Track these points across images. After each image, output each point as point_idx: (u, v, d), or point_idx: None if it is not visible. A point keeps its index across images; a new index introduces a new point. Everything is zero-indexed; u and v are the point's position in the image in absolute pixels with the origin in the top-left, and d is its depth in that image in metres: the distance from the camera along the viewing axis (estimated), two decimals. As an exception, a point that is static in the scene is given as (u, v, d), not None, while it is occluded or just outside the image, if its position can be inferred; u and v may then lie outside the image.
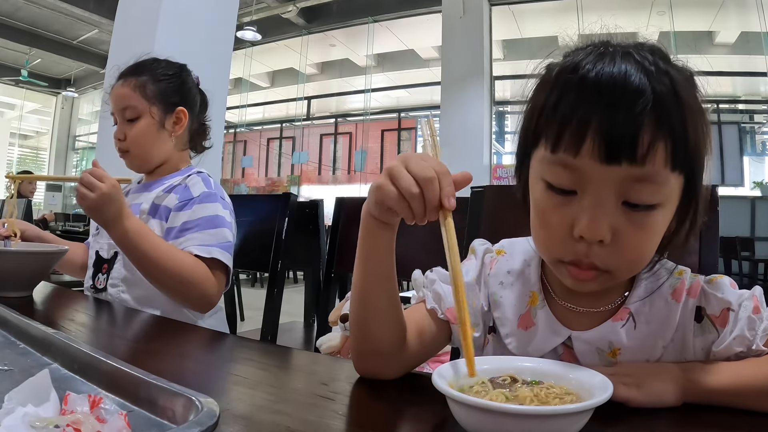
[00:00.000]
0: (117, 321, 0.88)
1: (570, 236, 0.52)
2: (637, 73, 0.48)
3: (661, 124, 0.48)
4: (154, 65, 1.25)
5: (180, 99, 1.24)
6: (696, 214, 0.54)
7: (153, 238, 1.02)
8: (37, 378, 0.40)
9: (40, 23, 8.34)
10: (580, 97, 0.49)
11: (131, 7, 2.85)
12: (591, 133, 0.48)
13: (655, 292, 0.58)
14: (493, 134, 7.18)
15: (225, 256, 1.08)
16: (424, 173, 0.49)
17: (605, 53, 0.50)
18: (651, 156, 0.48)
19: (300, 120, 10.22)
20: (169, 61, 1.30)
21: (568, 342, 0.59)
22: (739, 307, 0.54)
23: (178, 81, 1.26)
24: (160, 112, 1.20)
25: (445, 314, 0.63)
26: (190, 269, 1.03)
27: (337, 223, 1.32)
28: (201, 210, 1.11)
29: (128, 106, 1.18)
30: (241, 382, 0.56)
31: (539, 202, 0.55)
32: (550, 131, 0.51)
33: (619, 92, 0.48)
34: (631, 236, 0.51)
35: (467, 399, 0.39)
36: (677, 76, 0.50)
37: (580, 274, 0.53)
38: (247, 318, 3.82)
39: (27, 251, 0.98)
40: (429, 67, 8.85)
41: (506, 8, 6.91)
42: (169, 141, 1.22)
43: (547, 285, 0.63)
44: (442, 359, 1.56)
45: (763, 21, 6.12)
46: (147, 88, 1.20)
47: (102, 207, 0.97)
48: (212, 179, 1.21)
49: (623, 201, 0.50)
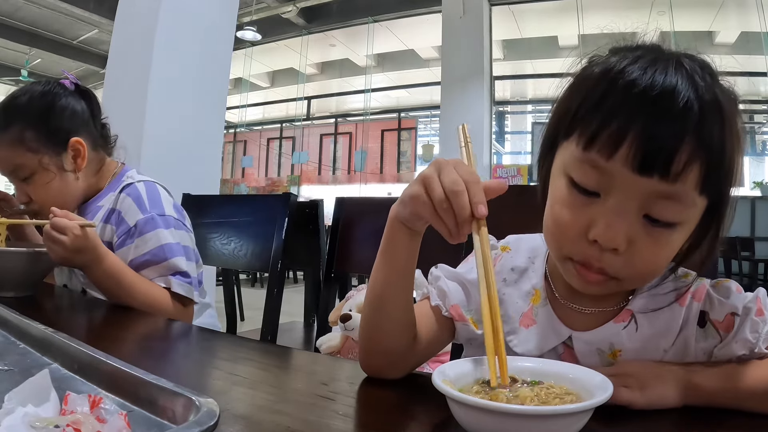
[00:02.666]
0: (117, 321, 0.88)
1: (584, 237, 0.51)
2: (688, 88, 0.47)
3: (701, 144, 0.46)
4: (20, 105, 1.05)
5: (67, 128, 1.06)
6: (715, 240, 0.53)
7: (129, 275, 0.98)
8: (37, 378, 0.39)
9: (40, 23, 8.33)
10: (625, 100, 0.47)
11: (131, 7, 2.85)
12: (630, 139, 0.47)
13: (658, 296, 0.57)
14: (493, 134, 7.18)
15: (183, 287, 1.02)
16: (453, 186, 0.48)
17: (658, 59, 0.49)
18: (684, 175, 0.47)
19: (300, 120, 10.23)
20: (35, 88, 1.07)
21: (568, 342, 0.59)
22: (744, 311, 0.53)
23: (56, 109, 1.06)
24: (53, 158, 1.04)
25: (449, 311, 0.63)
26: (164, 302, 0.99)
27: (337, 223, 1.32)
28: (143, 244, 1.02)
29: (15, 167, 1.03)
30: (241, 382, 0.56)
31: (559, 197, 0.54)
32: (586, 128, 0.50)
33: (667, 104, 0.46)
34: (645, 249, 0.50)
35: (467, 399, 0.39)
36: (722, 97, 0.49)
37: (588, 275, 0.53)
38: (247, 318, 3.82)
39: (27, 251, 0.98)
40: (429, 67, 8.85)
41: (506, 8, 6.91)
42: (75, 181, 1.08)
43: (550, 283, 0.63)
44: (442, 359, 1.56)
45: (763, 21, 6.12)
46: (25, 139, 1.02)
47: (72, 258, 0.92)
48: (145, 188, 1.07)
49: (645, 214, 0.49)
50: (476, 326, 0.63)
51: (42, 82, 1.10)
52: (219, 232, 1.47)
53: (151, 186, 1.10)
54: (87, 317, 0.92)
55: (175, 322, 0.91)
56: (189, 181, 2.15)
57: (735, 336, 0.52)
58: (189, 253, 1.07)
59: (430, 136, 10.04)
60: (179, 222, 1.09)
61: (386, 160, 10.08)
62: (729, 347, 0.52)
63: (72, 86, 1.12)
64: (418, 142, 9.96)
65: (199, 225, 1.45)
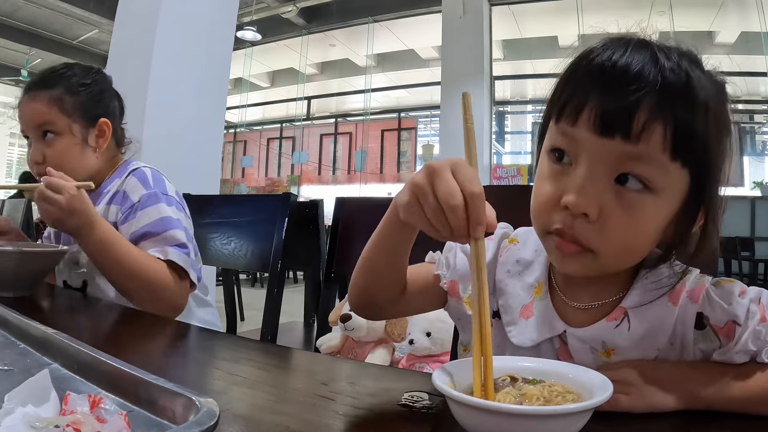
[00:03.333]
0: (117, 321, 0.88)
1: (557, 205, 0.52)
2: (647, 61, 0.49)
3: (661, 108, 0.48)
4: (69, 74, 1.11)
5: (102, 110, 1.13)
6: (708, 224, 0.53)
7: (125, 245, 0.97)
8: (37, 378, 0.39)
9: (40, 23, 8.33)
10: (585, 75, 0.51)
11: (131, 7, 2.85)
12: (590, 105, 0.50)
13: (652, 293, 0.56)
14: (493, 134, 7.19)
15: (181, 258, 1.01)
16: (448, 199, 0.43)
17: (628, 43, 0.51)
18: (646, 135, 0.48)
19: (300, 120, 10.23)
20: (83, 66, 1.16)
21: (563, 337, 0.59)
22: (747, 320, 0.51)
23: (98, 90, 1.14)
24: (82, 128, 1.09)
25: (447, 284, 0.66)
26: (159, 273, 0.97)
27: (337, 223, 1.32)
28: (144, 216, 1.03)
29: (45, 122, 1.06)
30: (241, 382, 0.56)
31: (540, 173, 0.56)
32: (557, 102, 0.53)
33: (620, 72, 0.49)
34: (618, 217, 0.50)
35: (467, 399, 0.39)
36: (694, 74, 0.50)
37: (563, 246, 0.53)
38: (247, 318, 3.82)
39: (27, 251, 0.98)
40: (429, 67, 8.85)
41: (506, 8, 6.91)
42: (93, 157, 1.12)
43: (552, 276, 0.63)
44: (442, 359, 1.56)
45: (763, 21, 6.12)
46: (64, 101, 1.07)
47: (65, 219, 0.91)
48: (151, 172, 1.12)
49: (616, 177, 0.50)
50: (469, 307, 0.64)
51: (87, 66, 1.17)
52: (219, 232, 1.47)
53: (155, 171, 1.14)
54: (87, 317, 0.92)
55: (175, 322, 0.91)
56: (189, 181, 2.15)
57: (736, 346, 0.51)
58: (188, 234, 1.08)
59: (430, 136, 10.04)
60: (180, 205, 1.11)
61: (386, 160, 10.08)
62: (729, 355, 0.52)
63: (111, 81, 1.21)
64: (418, 142, 9.96)
65: (199, 225, 1.45)
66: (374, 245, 0.62)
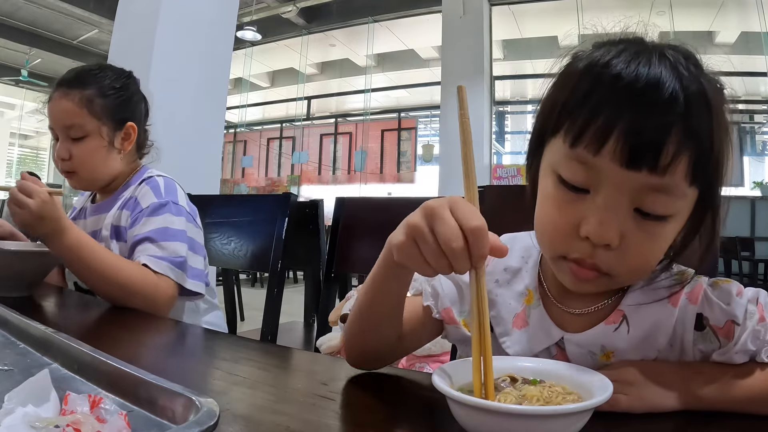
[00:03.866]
0: (117, 321, 0.88)
1: (575, 234, 0.50)
2: (672, 79, 0.46)
3: (689, 135, 0.46)
4: (101, 75, 1.13)
5: (129, 113, 1.15)
6: (713, 234, 0.53)
7: (96, 250, 0.96)
8: (37, 378, 0.39)
9: (40, 23, 8.33)
10: (610, 94, 0.47)
11: (131, 7, 2.85)
12: (616, 134, 0.46)
13: (650, 294, 0.56)
14: (493, 134, 7.19)
15: (175, 273, 1.01)
16: (450, 243, 0.41)
17: (641, 52, 0.48)
18: (673, 167, 0.46)
19: (300, 120, 10.22)
20: (114, 69, 1.18)
21: (561, 343, 0.58)
22: (745, 320, 0.51)
23: (127, 94, 1.16)
24: (110, 131, 1.11)
25: (440, 314, 0.62)
26: (138, 281, 0.95)
27: (337, 223, 1.32)
28: (149, 223, 1.04)
29: (74, 124, 1.08)
30: (241, 382, 0.56)
31: (548, 195, 0.53)
32: (572, 124, 0.49)
33: (652, 96, 0.46)
34: (638, 243, 0.49)
35: (467, 399, 0.39)
36: (708, 86, 0.48)
37: (581, 272, 0.52)
38: (247, 318, 3.82)
39: (27, 251, 0.98)
40: (429, 67, 8.85)
41: (506, 8, 6.91)
42: (118, 159, 1.14)
43: (543, 283, 0.62)
44: (442, 359, 1.56)
45: (763, 21, 6.12)
46: (95, 103, 1.09)
47: (35, 224, 0.90)
48: (164, 181, 1.13)
49: (635, 208, 0.49)
50: (468, 328, 0.62)
51: (119, 69, 1.19)
52: (219, 232, 1.47)
53: (169, 180, 1.15)
54: (87, 317, 0.92)
55: (175, 322, 0.91)
56: (189, 181, 2.14)
57: (736, 346, 0.51)
58: (194, 245, 1.08)
59: (430, 136, 10.03)
60: (190, 216, 1.12)
61: (386, 160, 10.07)
62: (729, 355, 0.51)
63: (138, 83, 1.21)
64: (418, 142, 9.95)
65: (199, 225, 1.45)
66: (369, 290, 0.56)
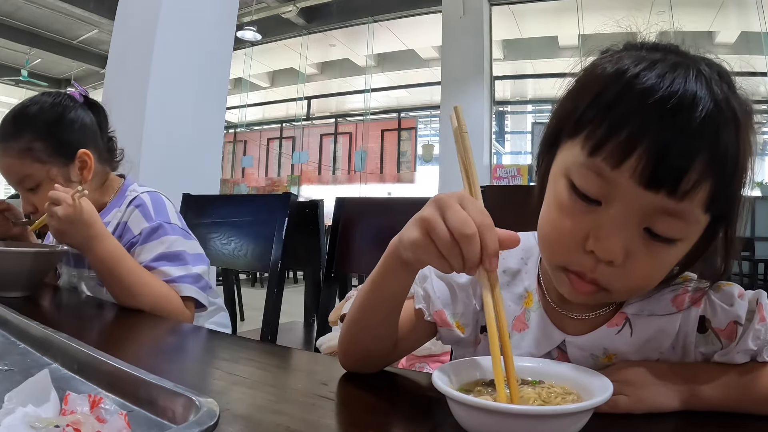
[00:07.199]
0: (117, 321, 0.88)
1: (580, 247, 0.49)
2: (708, 102, 0.43)
3: (714, 164, 0.44)
4: (33, 115, 1.04)
5: (76, 140, 1.06)
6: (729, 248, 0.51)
7: (129, 262, 0.95)
8: (37, 378, 0.40)
9: (40, 23, 8.33)
10: (639, 108, 0.44)
11: (131, 7, 2.85)
12: (640, 151, 0.43)
13: (654, 298, 0.55)
14: (493, 134, 7.18)
15: (197, 292, 1.00)
16: (462, 229, 0.42)
17: (678, 65, 0.45)
18: (693, 194, 0.44)
19: (300, 120, 10.22)
20: (47, 98, 1.08)
21: (562, 346, 0.58)
22: (747, 319, 0.51)
23: (66, 123, 1.06)
24: (61, 169, 1.04)
25: (432, 317, 0.61)
26: (164, 300, 0.95)
27: (337, 223, 1.32)
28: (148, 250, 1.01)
29: (22, 176, 1.03)
30: (241, 382, 0.56)
31: (557, 201, 0.51)
32: (593, 131, 0.46)
33: (684, 118, 0.43)
34: (642, 263, 0.48)
35: (467, 399, 0.39)
36: (739, 109, 0.46)
37: (580, 285, 0.51)
38: (247, 318, 3.82)
39: (27, 251, 0.98)
40: (429, 67, 8.85)
41: (506, 8, 6.90)
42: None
43: (542, 285, 0.61)
44: (442, 359, 1.56)
45: (763, 21, 6.12)
46: (35, 150, 1.02)
47: (68, 231, 0.89)
48: (150, 199, 1.08)
49: (645, 227, 0.47)
50: (462, 330, 0.61)
51: (52, 94, 1.10)
52: (219, 232, 1.47)
53: (155, 195, 1.10)
54: (87, 317, 0.92)
55: (175, 323, 0.91)
56: (189, 181, 2.15)
57: (737, 345, 0.51)
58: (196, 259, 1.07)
59: (430, 136, 10.03)
60: (183, 231, 1.09)
61: (386, 160, 10.07)
62: (730, 355, 0.51)
63: (81, 98, 1.12)
64: (418, 142, 9.95)
65: (199, 225, 1.45)
66: (368, 293, 0.55)
